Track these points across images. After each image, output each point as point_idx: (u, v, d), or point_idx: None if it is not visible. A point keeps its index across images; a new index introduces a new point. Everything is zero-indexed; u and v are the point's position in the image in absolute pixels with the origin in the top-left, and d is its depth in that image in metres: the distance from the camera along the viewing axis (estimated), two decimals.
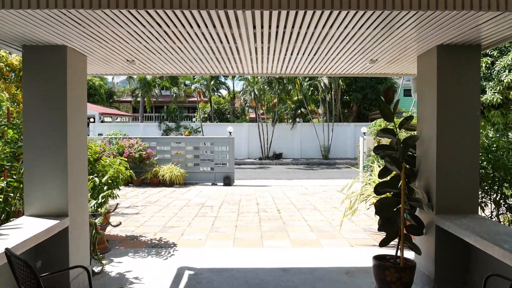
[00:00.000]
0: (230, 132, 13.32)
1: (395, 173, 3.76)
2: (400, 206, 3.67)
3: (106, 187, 5.03)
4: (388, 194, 3.86)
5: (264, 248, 5.03)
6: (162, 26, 2.86)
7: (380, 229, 3.68)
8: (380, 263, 3.54)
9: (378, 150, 3.82)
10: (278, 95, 23.05)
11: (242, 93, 23.15)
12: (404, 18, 2.76)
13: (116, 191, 5.23)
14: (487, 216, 4.37)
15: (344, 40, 3.34)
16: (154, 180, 11.78)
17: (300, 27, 2.91)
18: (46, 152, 3.30)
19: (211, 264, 4.40)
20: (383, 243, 3.63)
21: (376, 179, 5.38)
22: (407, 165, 3.81)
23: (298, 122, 23.92)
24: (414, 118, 4.70)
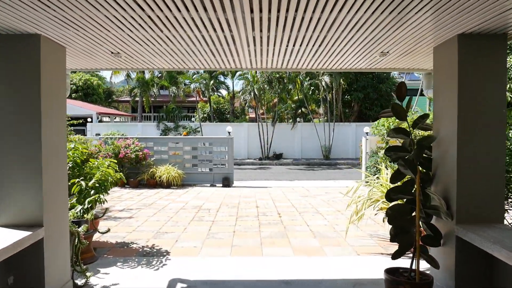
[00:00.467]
0: (229, 132, 12.96)
1: (409, 177, 3.40)
2: (414, 214, 3.31)
3: (93, 191, 4.66)
4: (400, 201, 3.49)
5: (264, 257, 4.66)
6: (145, 10, 2.49)
7: (392, 239, 3.31)
8: (393, 278, 3.17)
9: (390, 152, 3.45)
10: (278, 95, 22.67)
11: (241, 92, 22.77)
12: (421, 3, 2.40)
13: (105, 196, 4.86)
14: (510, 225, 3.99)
15: (354, 28, 2.97)
16: (151, 182, 11.42)
17: (304, 11, 2.54)
18: (17, 154, 2.93)
19: (206, 276, 4.03)
20: (396, 255, 3.26)
21: (384, 182, 5.02)
22: (422, 168, 3.44)
23: (299, 122, 23.55)
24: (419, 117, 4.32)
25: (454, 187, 3.06)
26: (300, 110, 24.56)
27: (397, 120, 12.29)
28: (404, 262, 3.62)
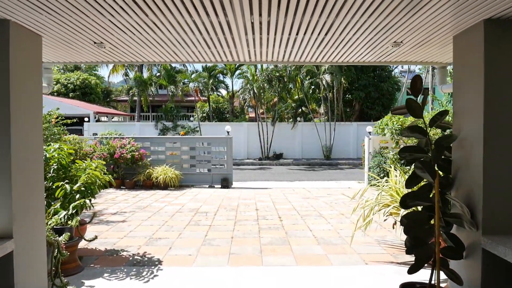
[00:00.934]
0: (228, 132, 12.59)
1: (425, 181, 3.04)
2: (433, 222, 2.95)
3: (78, 196, 4.30)
4: (415, 208, 3.14)
5: (264, 266, 4.30)
6: None
7: (409, 252, 2.95)
8: None
9: (404, 153, 3.08)
10: (278, 94, 22.30)
11: (241, 91, 22.40)
12: None
13: (92, 200, 4.50)
14: None
15: (365, 14, 2.61)
16: (147, 183, 11.06)
17: None
18: None
19: None
20: (413, 270, 2.89)
21: (394, 185, 4.66)
22: (440, 171, 3.08)
23: (299, 122, 23.18)
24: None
25: (480, 193, 2.69)
26: (300, 110, 24.21)
27: (401, 120, 11.95)
28: (420, 275, 3.26)
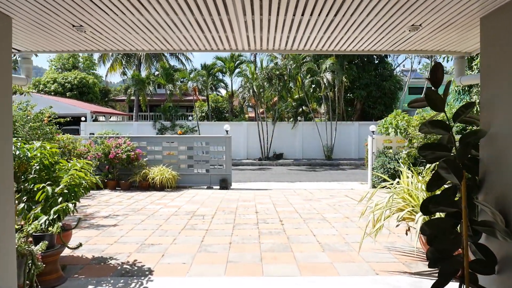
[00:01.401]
0: (227, 131, 12.21)
1: (450, 183, 2.66)
2: (459, 231, 2.57)
3: (61, 199, 3.92)
4: (439, 214, 2.76)
5: (265, 277, 3.91)
6: None
7: (432, 265, 2.56)
8: None
9: (425, 151, 2.70)
10: (278, 93, 21.92)
11: (240, 90, 22.02)
12: None
13: (78, 202, 4.12)
14: None
15: None
16: (143, 184, 10.68)
17: None
18: None
19: None
20: (438, 286, 2.51)
21: (405, 188, 4.27)
22: (466, 172, 2.70)
23: (300, 121, 22.79)
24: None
25: None
26: (301, 109, 23.84)
27: (405, 118, 11.56)
28: None
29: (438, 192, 2.77)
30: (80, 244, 4.00)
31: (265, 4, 2.47)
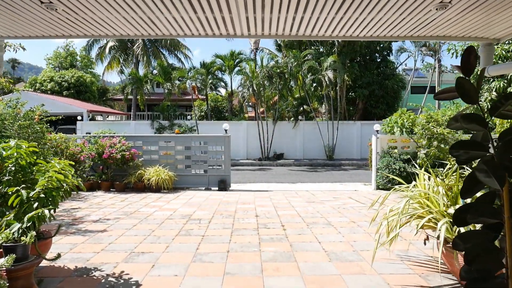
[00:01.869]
0: (226, 130, 11.78)
1: (487, 189, 2.24)
2: (498, 246, 2.15)
3: (37, 204, 3.49)
4: (473, 226, 2.33)
5: None
6: None
7: (471, 286, 2.14)
8: None
9: (458, 150, 2.26)
10: (279, 91, 21.49)
11: (240, 88, 21.59)
12: None
13: (55, 209, 3.69)
14: None
15: None
16: (139, 185, 10.25)
17: None
18: None
19: None
20: None
21: (423, 191, 3.84)
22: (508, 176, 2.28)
23: (301, 120, 22.37)
24: None
25: None
26: (302, 108, 23.44)
27: (411, 117, 11.12)
28: None
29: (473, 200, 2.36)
30: (59, 255, 3.56)
31: None
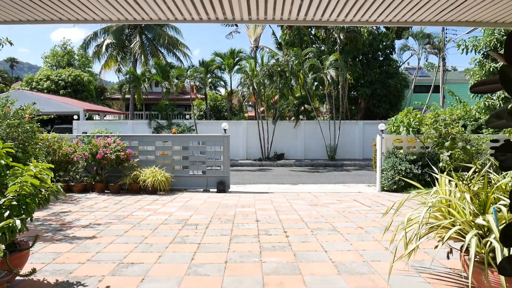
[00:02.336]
0: (225, 130, 11.37)
1: None
2: None
3: (8, 213, 3.07)
4: None
5: None
6: None
7: None
8: None
9: (505, 153, 1.85)
10: (279, 90, 21.06)
11: (240, 87, 21.16)
12: None
13: (30, 218, 3.27)
14: None
15: None
16: (134, 187, 9.84)
17: None
18: None
19: None
20: None
21: (445, 198, 3.42)
22: None
23: (302, 120, 21.94)
24: None
25: None
26: (303, 107, 23.02)
27: (418, 116, 10.70)
28: None
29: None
30: (34, 270, 3.15)
31: None
